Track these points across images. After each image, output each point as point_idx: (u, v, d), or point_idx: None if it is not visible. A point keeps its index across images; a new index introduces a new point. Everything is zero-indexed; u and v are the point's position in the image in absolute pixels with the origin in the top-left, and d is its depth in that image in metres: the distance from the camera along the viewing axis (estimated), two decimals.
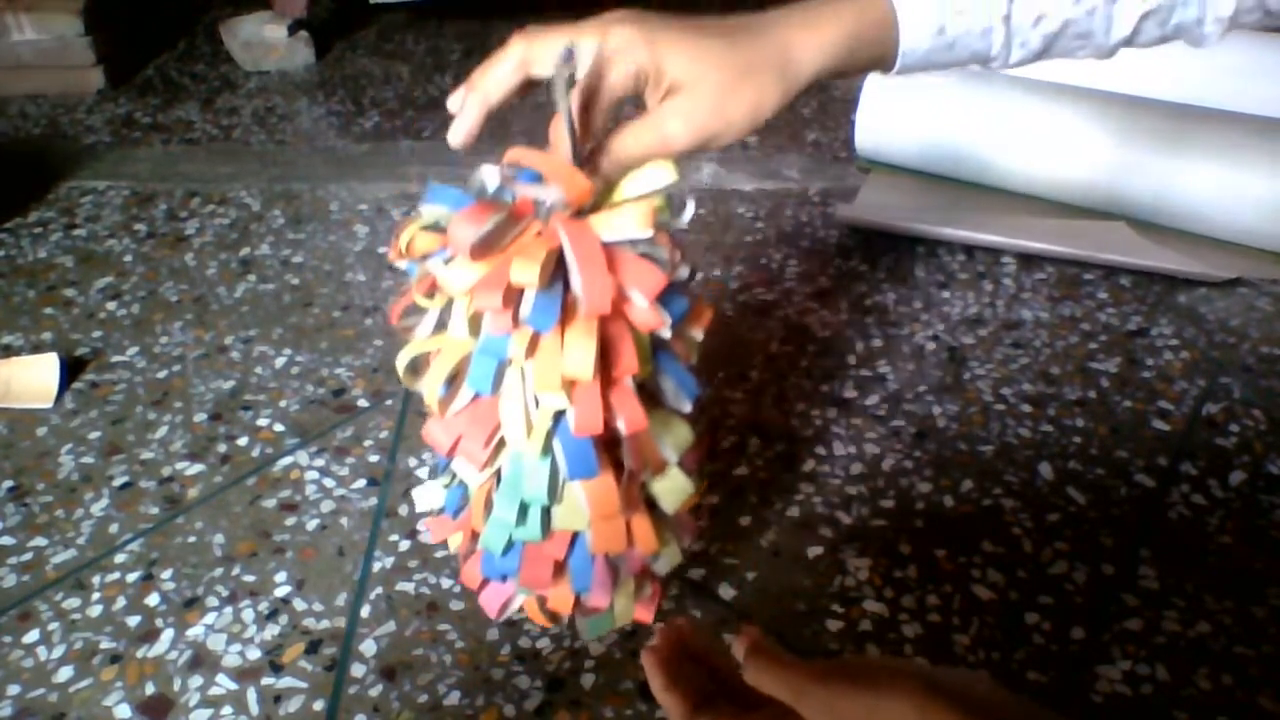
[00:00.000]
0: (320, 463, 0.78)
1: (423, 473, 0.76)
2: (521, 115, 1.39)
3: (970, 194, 1.14)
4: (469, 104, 0.42)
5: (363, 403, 0.84)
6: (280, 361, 0.90)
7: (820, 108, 1.43)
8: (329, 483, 0.76)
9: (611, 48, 0.41)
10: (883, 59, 0.45)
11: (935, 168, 1.16)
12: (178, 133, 1.40)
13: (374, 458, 0.78)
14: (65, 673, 0.61)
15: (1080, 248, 1.01)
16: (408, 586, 0.67)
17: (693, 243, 1.07)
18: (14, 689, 0.60)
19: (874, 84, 1.16)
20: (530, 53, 0.41)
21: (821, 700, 0.32)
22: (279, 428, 0.82)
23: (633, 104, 0.43)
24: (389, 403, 0.84)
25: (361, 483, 0.76)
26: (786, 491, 0.74)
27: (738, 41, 0.42)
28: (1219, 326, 0.93)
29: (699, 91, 0.41)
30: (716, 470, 0.75)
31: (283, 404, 0.84)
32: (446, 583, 0.67)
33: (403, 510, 0.73)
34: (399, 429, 0.81)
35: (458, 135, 0.43)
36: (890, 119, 1.16)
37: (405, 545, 0.70)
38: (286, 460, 0.78)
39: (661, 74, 0.41)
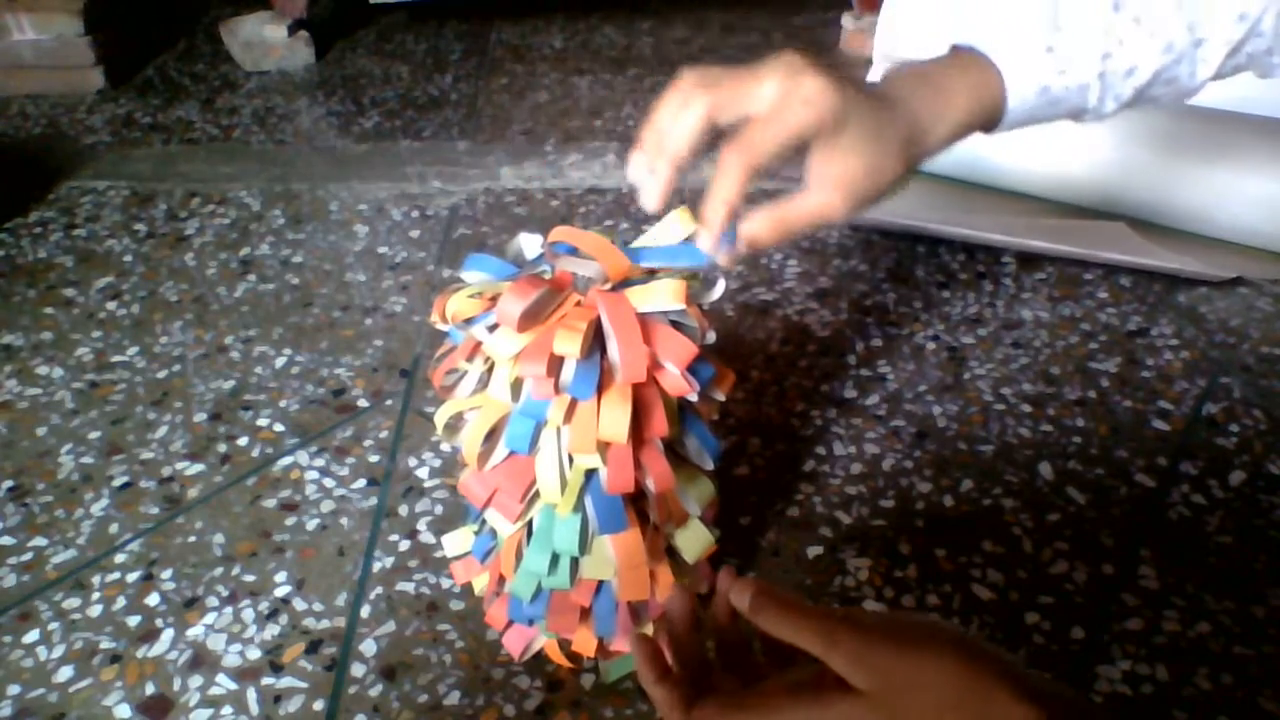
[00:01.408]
0: (320, 463, 0.78)
1: (423, 473, 0.76)
2: (521, 115, 1.39)
3: (970, 194, 1.14)
4: (661, 170, 0.40)
5: (363, 403, 0.84)
6: (280, 361, 0.90)
7: None
8: (329, 483, 0.76)
9: (803, 96, 0.39)
10: (991, 121, 0.46)
11: (936, 168, 1.16)
12: (178, 133, 1.40)
13: (374, 458, 0.78)
14: (65, 673, 0.61)
15: (1080, 248, 1.01)
16: (408, 586, 0.67)
17: None
18: (14, 689, 0.60)
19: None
20: (716, 103, 0.39)
21: (855, 649, 0.30)
22: (279, 428, 0.82)
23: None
24: (389, 403, 0.84)
25: (361, 483, 0.76)
26: (786, 491, 0.74)
27: (877, 109, 0.41)
28: (1219, 326, 0.93)
29: (863, 150, 0.41)
30: (716, 470, 0.76)
31: (283, 404, 0.84)
32: (446, 583, 0.67)
33: (403, 510, 0.73)
34: (399, 429, 0.81)
35: (653, 200, 0.41)
36: None
37: (405, 545, 0.70)
38: (286, 460, 0.78)
39: (843, 127, 0.40)
